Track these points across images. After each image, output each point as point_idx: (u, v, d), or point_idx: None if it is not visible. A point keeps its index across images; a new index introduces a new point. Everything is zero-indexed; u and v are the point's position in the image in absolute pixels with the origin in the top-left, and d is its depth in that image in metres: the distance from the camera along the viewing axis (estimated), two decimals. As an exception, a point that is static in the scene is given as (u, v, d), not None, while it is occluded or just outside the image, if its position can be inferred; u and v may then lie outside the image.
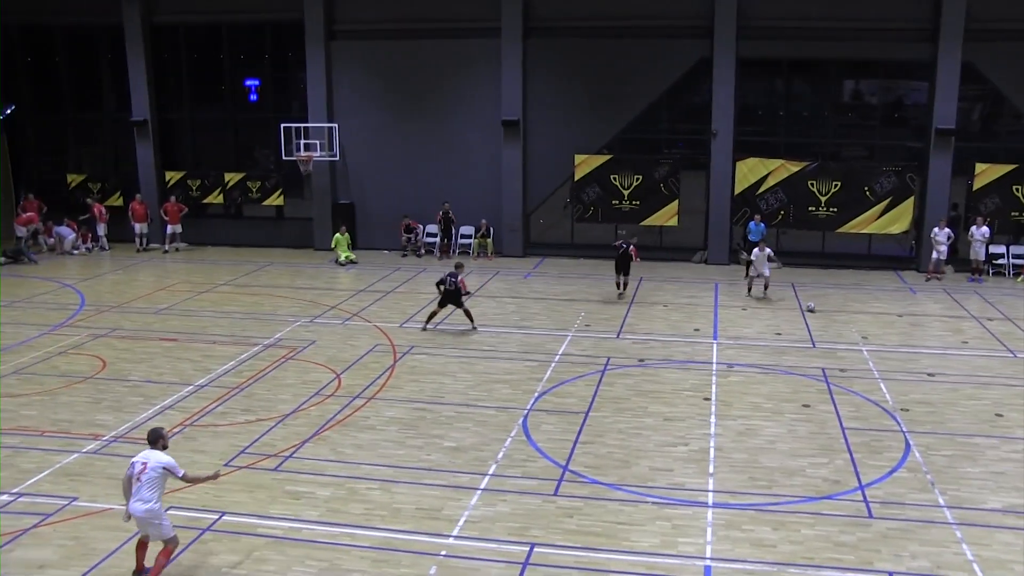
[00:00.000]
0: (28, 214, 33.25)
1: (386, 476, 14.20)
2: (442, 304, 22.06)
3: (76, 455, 15.27)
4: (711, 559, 11.59)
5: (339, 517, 12.95)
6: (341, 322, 23.08)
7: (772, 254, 24.94)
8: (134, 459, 11.12)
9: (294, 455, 14.99)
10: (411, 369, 19.28)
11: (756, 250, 24.94)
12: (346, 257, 30.29)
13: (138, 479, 10.87)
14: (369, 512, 13.06)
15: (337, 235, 30.57)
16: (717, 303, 24.56)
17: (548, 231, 31.46)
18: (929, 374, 18.91)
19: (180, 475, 11.08)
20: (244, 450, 15.33)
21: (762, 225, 27.80)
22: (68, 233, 33.35)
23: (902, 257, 29.68)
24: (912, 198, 28.46)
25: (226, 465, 14.71)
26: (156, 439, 11.28)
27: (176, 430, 16.23)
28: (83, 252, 33.15)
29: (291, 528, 12.69)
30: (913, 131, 29.60)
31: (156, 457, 11.04)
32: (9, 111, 35.81)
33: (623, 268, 25.00)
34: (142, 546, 11.30)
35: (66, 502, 13.51)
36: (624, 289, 25.34)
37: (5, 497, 13.69)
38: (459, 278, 21.82)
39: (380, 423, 16.34)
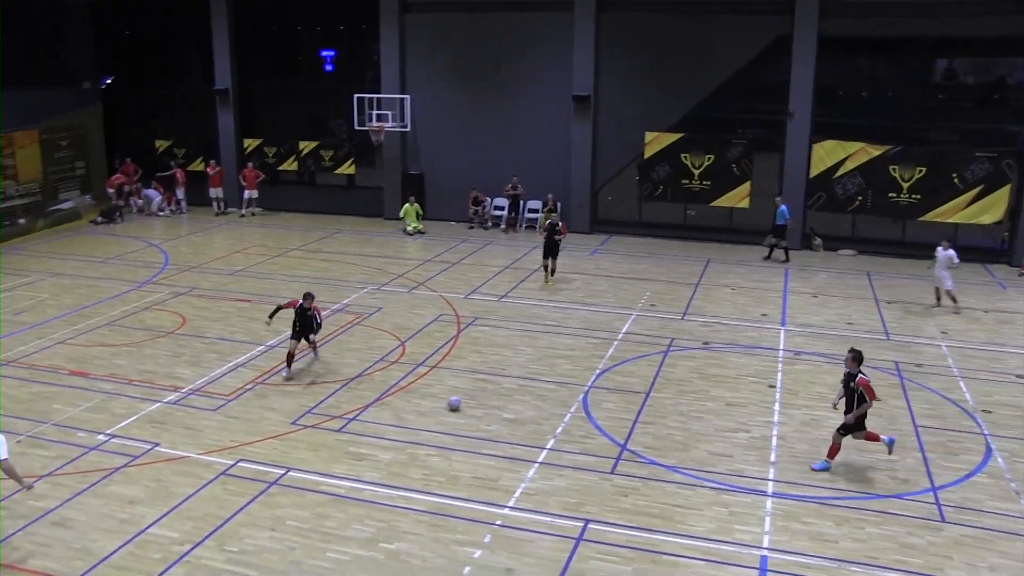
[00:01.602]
0: (116, 176, 34.31)
1: (445, 444, 14.45)
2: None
3: (158, 404, 15.98)
4: (768, 549, 11.51)
5: (398, 480, 13.24)
6: (407, 291, 23.37)
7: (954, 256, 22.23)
8: None
9: (357, 418, 15.31)
10: (474, 340, 19.47)
11: (940, 249, 22.36)
12: (414, 227, 30.56)
13: None
14: (427, 478, 13.32)
15: (406, 205, 30.86)
16: (787, 288, 24.13)
17: (615, 209, 31.33)
18: (1018, 375, 17.98)
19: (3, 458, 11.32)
20: (310, 410, 15.72)
21: (783, 208, 26.97)
22: (155, 195, 34.45)
23: (993, 250, 27.89)
24: (1008, 186, 26.81)
25: (293, 423, 15.14)
26: None
27: (248, 387, 16.73)
28: (167, 214, 34.13)
29: (352, 488, 13.02)
30: (1013, 113, 27.82)
31: None
32: (107, 82, 36.93)
33: (551, 251, 23.77)
34: None
35: (149, 447, 14.28)
36: (552, 274, 24.11)
37: (101, 437, 14.70)
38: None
39: (442, 391, 16.58)
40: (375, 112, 31.31)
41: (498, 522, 12.10)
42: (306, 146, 34.36)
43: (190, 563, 11.16)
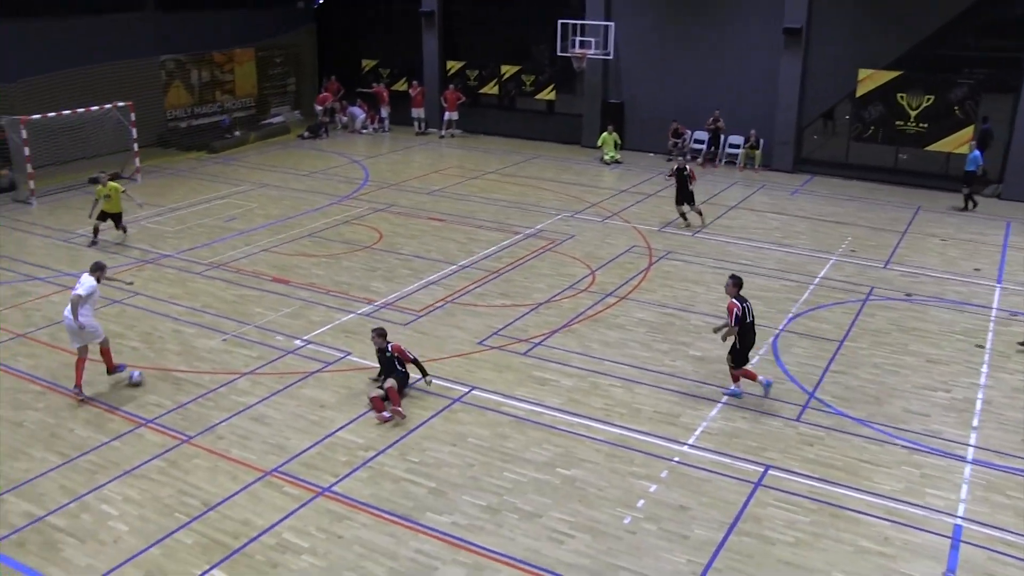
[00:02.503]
0: (324, 94, 35.61)
1: (629, 375, 14.33)
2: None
3: (352, 315, 16.64)
4: (963, 518, 10.79)
5: (579, 408, 13.25)
6: (601, 220, 23.19)
7: None
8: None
9: (543, 343, 15.40)
10: (665, 274, 19.15)
11: None
12: (611, 156, 30.22)
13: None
14: (608, 408, 13.27)
15: (604, 134, 30.53)
16: (1007, 243, 22.22)
17: (821, 148, 29.87)
18: None
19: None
20: (497, 331, 15.93)
21: (976, 153, 24.78)
22: (359, 113, 35.56)
23: None
24: None
25: (479, 343, 15.39)
26: (97, 269, 13.75)
27: (438, 305, 17.13)
28: (370, 132, 35.17)
29: (533, 411, 13.14)
30: None
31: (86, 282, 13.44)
32: (320, 1, 38.11)
33: (685, 195, 22.44)
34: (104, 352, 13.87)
35: (342, 355, 14.94)
36: (693, 218, 22.78)
37: (298, 342, 15.53)
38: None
39: (629, 323, 16.42)
40: (578, 39, 30.94)
41: (676, 459, 11.94)
42: (508, 70, 34.43)
43: (373, 468, 11.60)
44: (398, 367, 13.44)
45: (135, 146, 27.45)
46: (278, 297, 17.59)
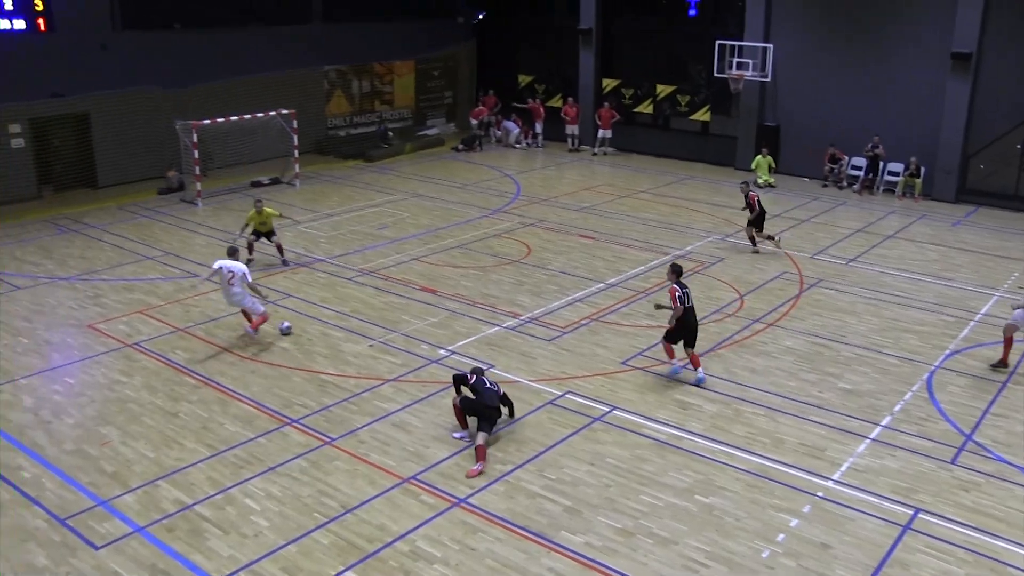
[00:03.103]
0: (479, 107, 36.21)
1: (774, 404, 13.95)
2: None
3: (497, 328, 16.83)
4: None
5: (721, 435, 12.98)
6: (751, 244, 22.69)
7: None
8: (222, 267, 15.69)
9: (687, 366, 15.14)
10: (816, 302, 18.57)
11: None
12: (765, 180, 29.54)
13: (230, 283, 15.65)
14: (751, 436, 12.94)
15: (758, 157, 29.87)
16: None
17: (989, 178, 28.38)
18: None
19: (249, 280, 15.85)
20: (641, 352, 15.79)
21: None
22: (513, 128, 35.95)
23: None
24: None
25: (622, 363, 15.29)
26: (233, 252, 16.14)
27: (583, 322, 17.10)
28: (523, 147, 35.50)
29: (673, 435, 12.95)
30: None
31: (237, 266, 15.80)
32: (480, 17, 38.83)
33: (755, 222, 21.98)
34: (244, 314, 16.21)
35: (485, 367, 15.10)
36: (764, 242, 22.18)
37: (443, 352, 15.79)
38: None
39: (776, 351, 16.00)
40: (735, 59, 30.44)
41: (820, 494, 11.53)
42: (663, 90, 34.17)
43: (509, 483, 11.64)
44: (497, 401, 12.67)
45: (295, 152, 28.57)
46: (425, 306, 17.92)
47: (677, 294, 14.39)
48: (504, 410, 13.08)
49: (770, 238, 22.12)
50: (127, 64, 27.79)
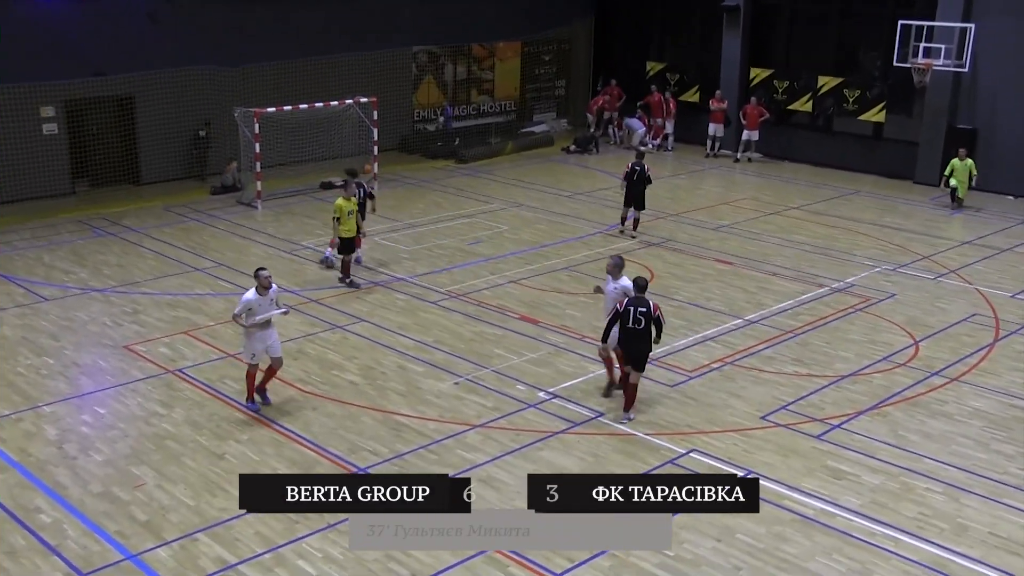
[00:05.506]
0: (597, 98, 36.26)
1: (955, 480, 13.65)
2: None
3: (608, 370, 16.78)
4: None
5: (884, 514, 12.76)
6: (932, 277, 22.30)
7: None
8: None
9: (843, 425, 14.96)
10: (1016, 354, 18.11)
11: None
12: (960, 193, 28.25)
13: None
14: (924, 519, 12.68)
15: (955, 160, 28.75)
16: None
17: None
18: None
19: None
20: (786, 406, 15.64)
21: None
22: (638, 126, 35.90)
23: None
24: None
25: (762, 418, 15.16)
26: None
27: (714, 366, 17.02)
28: (650, 149, 35.31)
29: (823, 511, 12.78)
30: None
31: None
32: None
33: (635, 199, 24.39)
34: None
35: (593, 415, 15.19)
36: (633, 227, 24.75)
37: (543, 395, 15.90)
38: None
39: (960, 413, 15.66)
40: (923, 45, 29.89)
41: (1015, 598, 11.26)
42: (826, 82, 33.81)
43: (617, 557, 11.63)
44: None
45: (375, 149, 28.88)
46: (523, 339, 18.08)
47: (620, 308, 14.78)
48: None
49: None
50: (179, 39, 28.53)
